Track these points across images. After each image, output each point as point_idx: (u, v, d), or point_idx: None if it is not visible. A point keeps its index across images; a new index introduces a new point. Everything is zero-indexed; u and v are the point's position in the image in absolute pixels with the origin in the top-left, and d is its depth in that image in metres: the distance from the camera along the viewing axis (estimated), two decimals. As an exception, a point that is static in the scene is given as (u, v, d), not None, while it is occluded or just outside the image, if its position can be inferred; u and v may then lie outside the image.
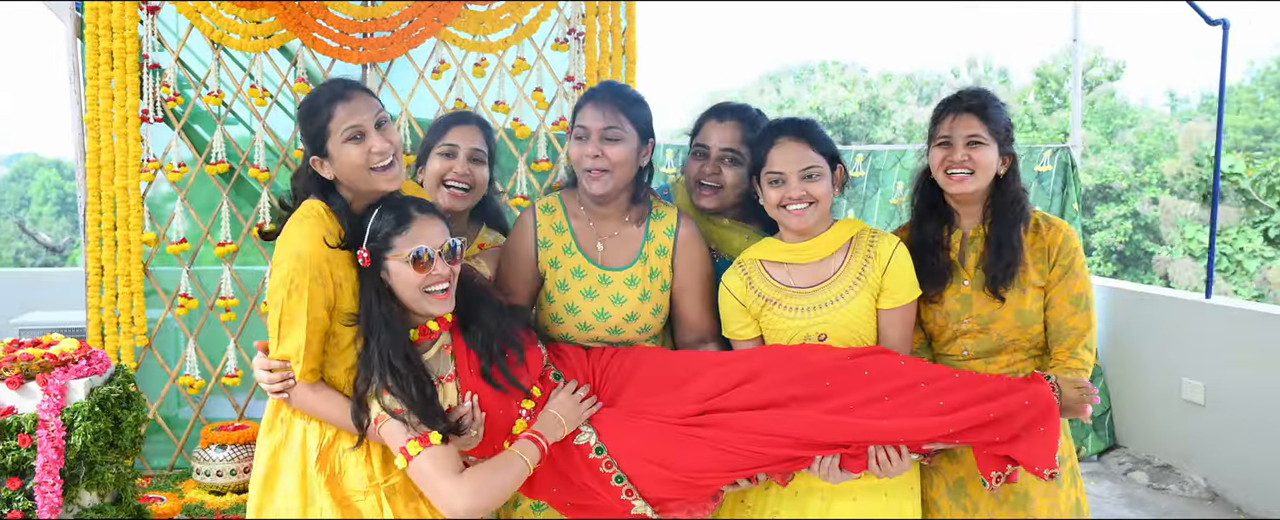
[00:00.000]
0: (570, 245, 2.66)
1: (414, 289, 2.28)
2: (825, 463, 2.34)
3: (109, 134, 4.28)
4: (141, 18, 4.29)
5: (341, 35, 4.40)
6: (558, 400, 2.42)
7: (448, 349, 2.38)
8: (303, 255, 2.24)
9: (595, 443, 2.39)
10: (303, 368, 2.29)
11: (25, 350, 2.87)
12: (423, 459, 2.19)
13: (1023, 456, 2.28)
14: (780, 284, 2.54)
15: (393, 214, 2.31)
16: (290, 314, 2.26)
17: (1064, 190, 5.80)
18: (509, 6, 4.54)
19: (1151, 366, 5.46)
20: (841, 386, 2.36)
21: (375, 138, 2.32)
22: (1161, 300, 5.60)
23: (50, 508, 2.72)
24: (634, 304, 2.63)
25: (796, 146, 2.48)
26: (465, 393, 2.33)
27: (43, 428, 2.74)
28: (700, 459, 2.35)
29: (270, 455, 2.38)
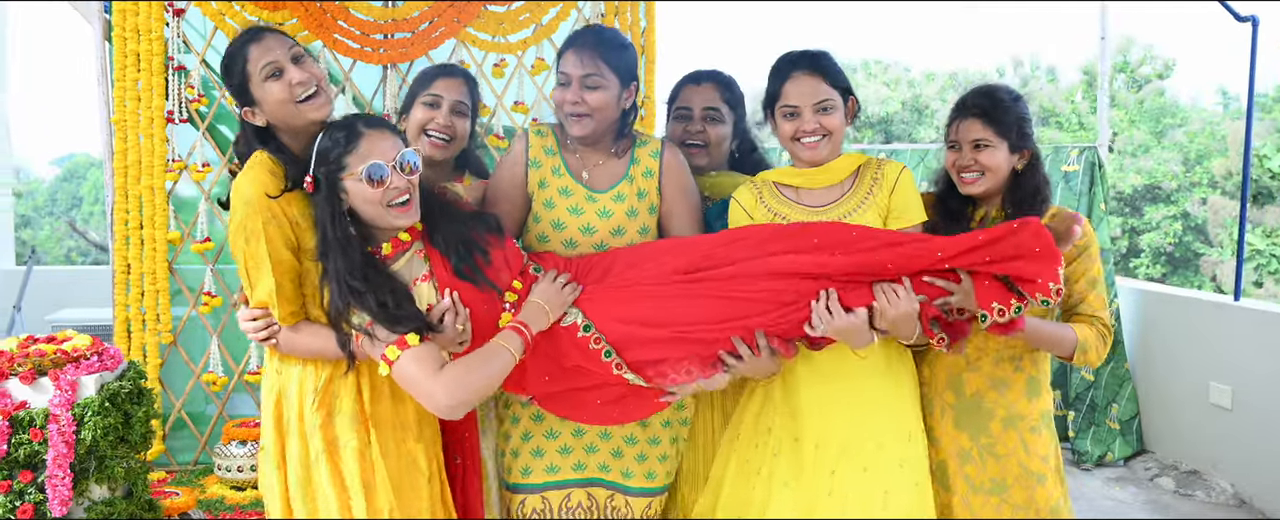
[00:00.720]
0: (559, 167, 2.72)
1: (375, 205, 2.29)
2: (825, 299, 2.32)
3: (135, 135, 4.36)
4: (168, 20, 4.37)
5: (362, 36, 4.44)
6: (540, 289, 2.42)
7: (421, 253, 2.39)
8: (250, 200, 2.28)
9: (582, 321, 2.40)
10: (280, 311, 2.32)
11: (38, 346, 2.92)
12: (404, 360, 2.20)
13: (1021, 272, 2.25)
14: (790, 200, 2.59)
15: (341, 132, 2.32)
16: (254, 260, 2.30)
17: (1091, 190, 5.71)
18: (528, 7, 4.56)
19: (1179, 370, 5.36)
20: (829, 243, 2.37)
21: (293, 70, 2.36)
22: (1189, 302, 5.51)
23: (61, 501, 2.77)
24: (620, 218, 2.69)
25: (810, 79, 2.51)
26: (444, 289, 2.34)
27: (54, 422, 2.79)
28: (687, 311, 2.36)
29: (274, 405, 2.43)
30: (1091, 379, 5.65)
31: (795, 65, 2.54)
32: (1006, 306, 2.29)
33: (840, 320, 2.31)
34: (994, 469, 2.60)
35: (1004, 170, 2.59)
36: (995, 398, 2.61)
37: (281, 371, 2.44)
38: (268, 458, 2.44)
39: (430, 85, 2.94)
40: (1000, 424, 2.60)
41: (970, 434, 2.61)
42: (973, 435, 2.61)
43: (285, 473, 2.41)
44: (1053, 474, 2.62)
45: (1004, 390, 2.61)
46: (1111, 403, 5.60)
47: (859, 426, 2.50)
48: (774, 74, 2.59)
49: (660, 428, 2.72)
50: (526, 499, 2.72)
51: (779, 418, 2.57)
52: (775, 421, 2.57)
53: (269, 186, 2.30)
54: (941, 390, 2.65)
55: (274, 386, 2.45)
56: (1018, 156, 2.61)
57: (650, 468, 2.72)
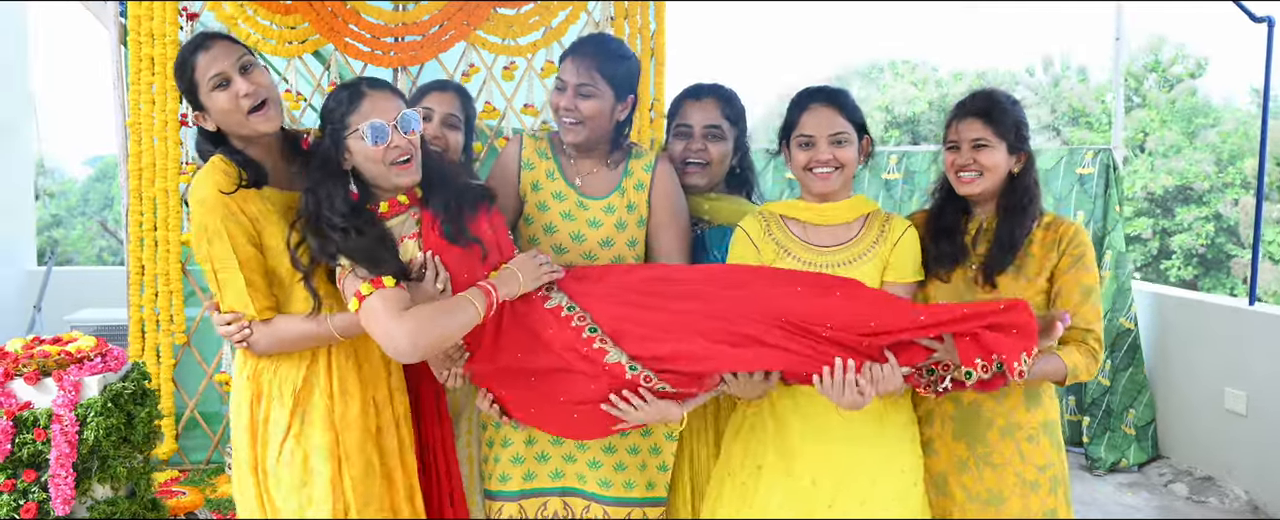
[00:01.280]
0: (553, 171, 2.74)
1: (376, 163, 2.32)
2: (844, 369, 2.32)
3: (150, 137, 4.42)
4: (181, 24, 4.42)
5: (373, 40, 4.48)
6: (518, 259, 2.43)
7: (414, 215, 2.42)
8: (206, 200, 2.29)
9: (567, 303, 2.41)
10: (255, 305, 2.34)
11: (43, 347, 2.97)
12: (373, 298, 2.23)
13: (996, 345, 2.26)
14: (797, 237, 2.60)
15: (345, 92, 2.36)
16: (220, 260, 2.32)
17: (1106, 193, 5.65)
18: (538, 9, 4.58)
19: (1195, 375, 5.30)
20: (817, 293, 2.39)
21: (240, 81, 2.35)
22: (1204, 307, 5.43)
23: (63, 500, 2.82)
24: (609, 230, 2.71)
25: (828, 112, 2.53)
26: (427, 250, 2.37)
27: (57, 422, 2.83)
28: (676, 321, 2.36)
29: (248, 414, 2.44)
30: (1107, 384, 5.60)
31: (814, 97, 2.58)
32: (989, 363, 2.30)
33: (849, 390, 2.33)
34: (991, 479, 2.58)
35: (1002, 171, 2.60)
36: (993, 407, 2.59)
37: (253, 378, 2.44)
38: (241, 463, 2.45)
39: (423, 99, 2.98)
40: (997, 433, 2.58)
41: (967, 443, 2.59)
42: (970, 445, 2.59)
43: (258, 477, 2.43)
44: (1048, 483, 2.60)
45: (1002, 399, 2.59)
46: (1128, 408, 5.54)
47: (852, 461, 2.49)
48: (793, 105, 2.62)
49: (640, 437, 2.72)
50: (504, 506, 2.73)
51: (770, 455, 2.55)
52: (767, 459, 2.55)
53: (222, 184, 2.31)
54: (941, 401, 2.64)
55: (246, 391, 2.45)
56: (1015, 159, 2.62)
57: (629, 477, 2.71)
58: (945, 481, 2.62)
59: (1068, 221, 2.63)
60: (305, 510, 2.37)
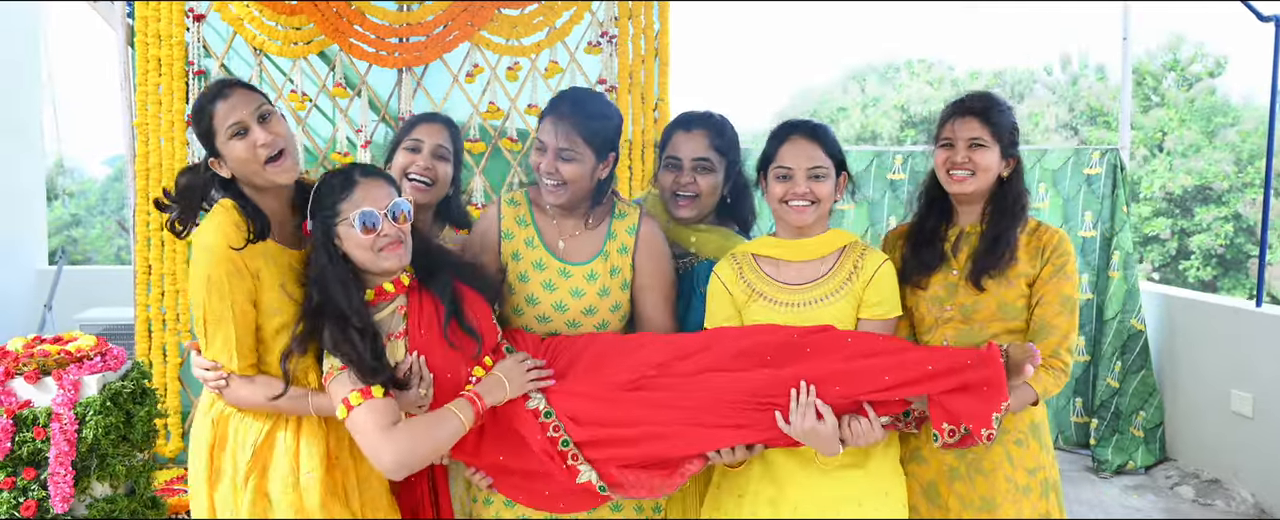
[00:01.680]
0: (533, 239, 2.71)
1: (365, 250, 2.34)
2: (808, 393, 2.33)
3: (156, 138, 4.44)
4: (188, 25, 4.45)
5: (378, 40, 4.50)
6: (504, 364, 2.44)
7: (402, 310, 2.43)
8: (215, 251, 2.29)
9: (544, 407, 2.42)
10: (239, 362, 2.35)
11: (43, 346, 3.00)
12: (361, 410, 2.24)
13: (961, 411, 2.27)
14: (769, 277, 2.58)
15: (338, 179, 2.38)
16: (215, 312, 2.32)
17: (1114, 193, 5.62)
18: (542, 10, 4.59)
19: (1202, 377, 5.27)
20: (785, 360, 2.39)
21: (258, 131, 2.35)
22: (1211, 308, 5.41)
23: (62, 498, 2.85)
24: (592, 298, 2.67)
25: (807, 145, 2.53)
26: (412, 351, 2.38)
27: (56, 421, 2.86)
28: (648, 416, 2.37)
29: (208, 457, 2.44)
30: (1117, 386, 5.56)
31: (794, 130, 2.56)
32: (955, 429, 2.31)
33: (812, 423, 2.32)
34: (982, 486, 2.57)
35: (994, 172, 2.60)
36: None
37: (218, 422, 2.45)
38: (197, 503, 2.46)
39: (411, 131, 2.96)
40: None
41: (956, 451, 2.58)
42: (959, 452, 2.58)
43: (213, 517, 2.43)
44: (1040, 486, 2.59)
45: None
46: (1138, 410, 5.51)
47: (836, 488, 2.48)
48: (772, 137, 2.60)
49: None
50: None
51: (753, 483, 2.54)
52: (748, 487, 2.54)
53: (232, 238, 2.31)
54: None
55: (207, 433, 2.45)
56: (1005, 163, 2.62)
57: (625, 515, 2.69)
58: (937, 490, 2.62)
59: (1051, 229, 2.64)
60: None
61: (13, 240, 6.58)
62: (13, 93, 6.65)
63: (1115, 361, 5.56)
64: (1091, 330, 5.72)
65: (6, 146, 6.59)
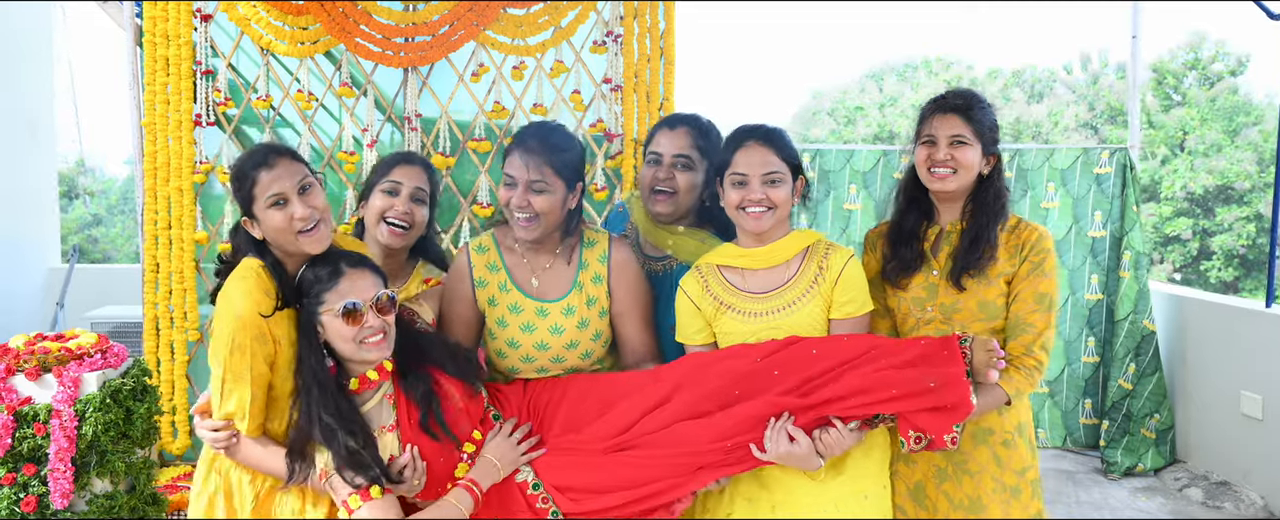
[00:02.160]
0: (505, 283, 2.72)
1: (347, 341, 2.35)
2: (783, 421, 2.37)
3: (165, 137, 4.48)
4: (196, 25, 4.48)
5: (383, 40, 4.51)
6: (494, 444, 2.47)
7: (390, 398, 2.44)
8: (242, 315, 2.32)
9: (532, 479, 2.46)
10: (249, 423, 2.38)
11: (44, 343, 3.02)
12: (362, 513, 2.28)
13: (924, 425, 2.30)
14: (736, 288, 2.57)
15: (324, 269, 2.39)
16: (235, 372, 2.34)
17: (1123, 193, 5.57)
18: (547, 9, 4.59)
19: (1211, 379, 5.22)
20: (752, 391, 2.41)
21: (297, 204, 2.38)
22: (1220, 309, 5.35)
23: (62, 494, 2.87)
24: (573, 332, 2.69)
25: (762, 150, 2.52)
26: (406, 445, 2.39)
27: (56, 417, 2.89)
28: (631, 477, 2.41)
29: (207, 505, 2.49)
30: (1129, 388, 5.52)
31: (750, 135, 2.56)
32: (921, 435, 2.32)
33: (787, 447, 2.34)
34: (969, 486, 2.56)
35: (975, 170, 2.58)
36: None
37: (222, 473, 2.49)
38: None
39: (389, 172, 2.93)
40: (970, 439, 2.56)
41: (943, 452, 2.57)
42: (945, 453, 2.57)
43: None
44: (1029, 487, 2.58)
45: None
46: (1152, 413, 5.46)
47: (816, 491, 2.47)
48: (728, 143, 2.60)
49: None
50: None
51: (734, 479, 2.53)
52: (729, 482, 2.54)
53: (262, 304, 2.34)
54: None
55: (207, 483, 2.50)
56: (985, 161, 2.60)
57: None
58: (925, 490, 2.62)
59: (1032, 226, 2.62)
60: None
61: (26, 239, 6.64)
62: (25, 92, 6.71)
63: (1128, 363, 5.51)
64: (1102, 331, 5.67)
65: (19, 146, 6.65)
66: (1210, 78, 21.42)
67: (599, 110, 4.64)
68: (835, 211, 5.90)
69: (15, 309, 6.23)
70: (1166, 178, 19.77)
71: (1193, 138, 20.45)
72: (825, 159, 5.87)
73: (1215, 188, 19.29)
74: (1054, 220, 5.70)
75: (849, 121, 24.87)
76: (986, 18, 53.93)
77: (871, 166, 5.82)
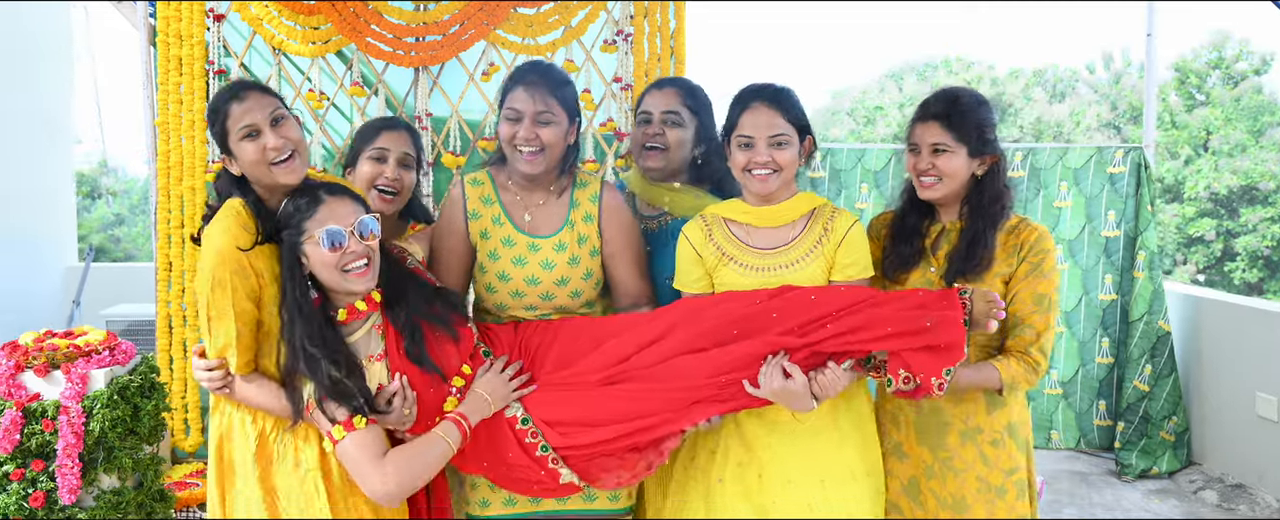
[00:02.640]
0: (499, 216, 2.74)
1: (331, 269, 2.35)
2: (779, 359, 2.38)
3: (177, 137, 4.51)
4: (208, 25, 4.51)
5: (394, 40, 4.53)
6: (484, 379, 2.47)
7: (378, 329, 2.45)
8: (221, 250, 2.33)
9: (521, 414, 2.45)
10: (237, 360, 2.39)
11: (53, 340, 3.05)
12: (347, 443, 2.28)
13: (916, 365, 2.31)
14: (740, 241, 2.59)
15: (303, 198, 2.40)
16: (217, 309, 2.36)
17: (1138, 192, 5.52)
18: (557, 9, 4.59)
19: (1226, 380, 5.17)
20: (750, 331, 2.41)
21: (270, 134, 2.40)
22: (1236, 309, 5.30)
23: (69, 489, 2.89)
24: (563, 268, 2.70)
25: (768, 112, 2.52)
26: (395, 373, 2.39)
27: (64, 414, 2.91)
28: (623, 410, 2.41)
29: (217, 445, 2.51)
30: (1146, 390, 5.47)
31: (755, 96, 2.55)
32: (910, 375, 2.33)
33: (781, 382, 2.35)
34: (953, 484, 2.55)
35: (962, 176, 2.56)
36: (952, 410, 2.56)
37: (227, 414, 2.51)
38: (211, 498, 2.51)
39: (375, 139, 2.95)
40: (957, 437, 2.55)
41: (930, 449, 2.57)
42: (933, 450, 2.57)
43: (225, 515, 2.49)
44: (1016, 488, 2.56)
45: (961, 402, 2.55)
46: (1170, 416, 5.41)
47: (803, 461, 2.49)
48: (734, 103, 2.59)
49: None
50: None
51: (725, 439, 2.56)
52: (720, 444, 2.56)
53: (240, 238, 2.35)
54: (902, 404, 2.62)
55: (219, 428, 2.52)
56: (978, 162, 2.57)
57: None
58: (917, 486, 2.62)
59: (1032, 226, 2.59)
60: None
61: (43, 238, 6.70)
62: (42, 92, 6.77)
63: (1144, 364, 5.47)
64: (1116, 332, 5.63)
65: (36, 145, 6.71)
66: (1234, 77, 21.20)
67: (609, 109, 4.64)
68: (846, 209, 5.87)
69: (33, 307, 6.30)
70: (1190, 178, 19.58)
71: (1217, 138, 20.26)
72: (837, 158, 5.85)
73: (1239, 188, 19.10)
74: (1067, 220, 5.66)
75: (868, 122, 24.76)
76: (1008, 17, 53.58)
77: (883, 165, 5.80)
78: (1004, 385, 2.47)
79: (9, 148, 6.51)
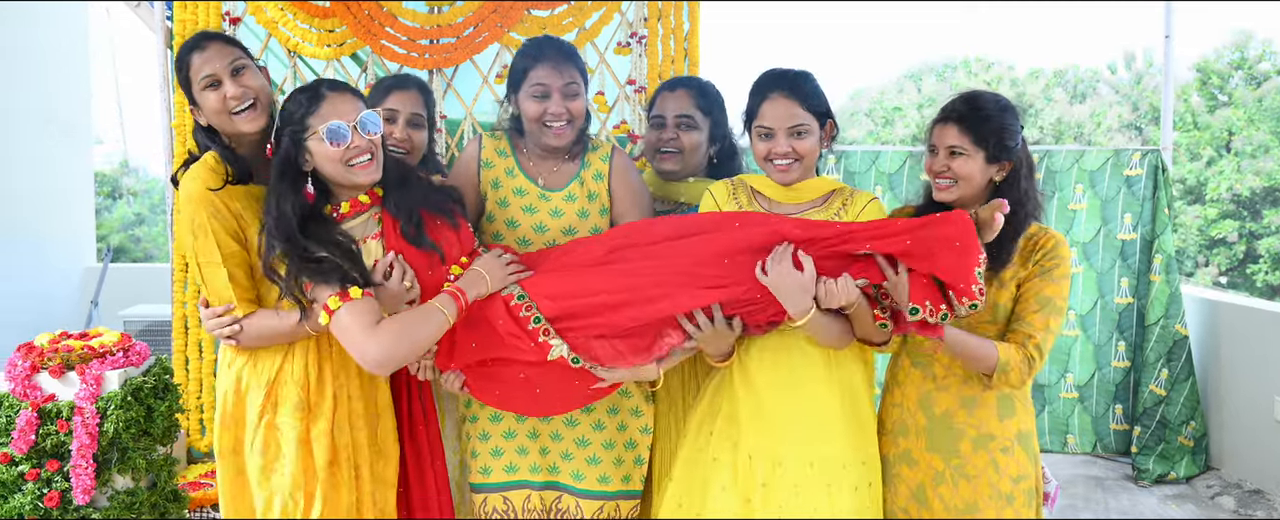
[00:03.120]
0: (512, 168, 2.79)
1: (335, 163, 2.39)
2: (786, 248, 2.37)
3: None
4: (225, 28, 4.53)
5: (409, 42, 4.55)
6: (483, 260, 2.51)
7: (376, 215, 2.49)
8: (193, 196, 2.39)
9: (518, 291, 2.46)
10: (238, 299, 2.42)
11: (68, 342, 3.08)
12: (342, 313, 2.29)
13: (939, 267, 2.28)
14: (761, 206, 2.60)
15: (304, 95, 2.43)
16: (205, 253, 2.41)
17: (1155, 195, 5.48)
18: (572, 10, 4.60)
19: (1244, 384, 5.12)
20: (763, 241, 2.41)
21: (230, 84, 2.46)
22: (1255, 313, 5.24)
23: (83, 489, 2.92)
24: (571, 218, 2.76)
25: (786, 102, 2.51)
26: (390, 250, 2.44)
27: (78, 414, 2.94)
28: (621, 283, 2.41)
29: (224, 402, 2.55)
30: (1163, 394, 5.42)
31: (774, 85, 2.54)
32: (937, 308, 2.30)
33: (789, 269, 2.35)
34: (966, 491, 2.53)
35: (978, 180, 2.52)
36: (965, 417, 2.54)
37: (232, 365, 2.54)
38: (221, 451, 2.54)
39: (385, 99, 2.97)
40: (970, 444, 2.53)
41: (942, 456, 2.55)
42: (944, 457, 2.55)
43: (232, 459, 2.52)
44: (1024, 495, 2.55)
45: (974, 409, 2.53)
46: (1188, 421, 5.36)
47: (795, 446, 2.48)
48: (753, 92, 2.59)
49: (616, 431, 2.74)
50: (488, 498, 2.78)
51: (720, 422, 2.57)
52: (717, 426, 2.57)
53: (210, 180, 2.41)
54: (913, 411, 2.61)
55: (226, 382, 2.55)
56: (997, 168, 2.53)
57: (603, 471, 2.73)
58: (924, 493, 2.59)
59: (1050, 234, 2.56)
60: (272, 494, 2.45)
61: (61, 238, 6.76)
62: (60, 93, 6.83)
63: (1161, 369, 5.42)
64: (1132, 335, 5.59)
65: (55, 147, 6.77)
66: (1257, 77, 20.99)
67: (623, 112, 4.64)
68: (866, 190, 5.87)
69: (51, 308, 6.36)
70: (1212, 179, 19.42)
71: (1239, 139, 20.07)
72: (851, 160, 5.83)
73: (1262, 189, 18.92)
74: (1082, 222, 5.62)
75: (887, 122, 24.66)
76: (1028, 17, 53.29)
77: (898, 168, 5.77)
78: (997, 367, 2.43)
79: (27, 149, 6.57)
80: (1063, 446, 5.70)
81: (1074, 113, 23.48)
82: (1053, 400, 5.72)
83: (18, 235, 6.38)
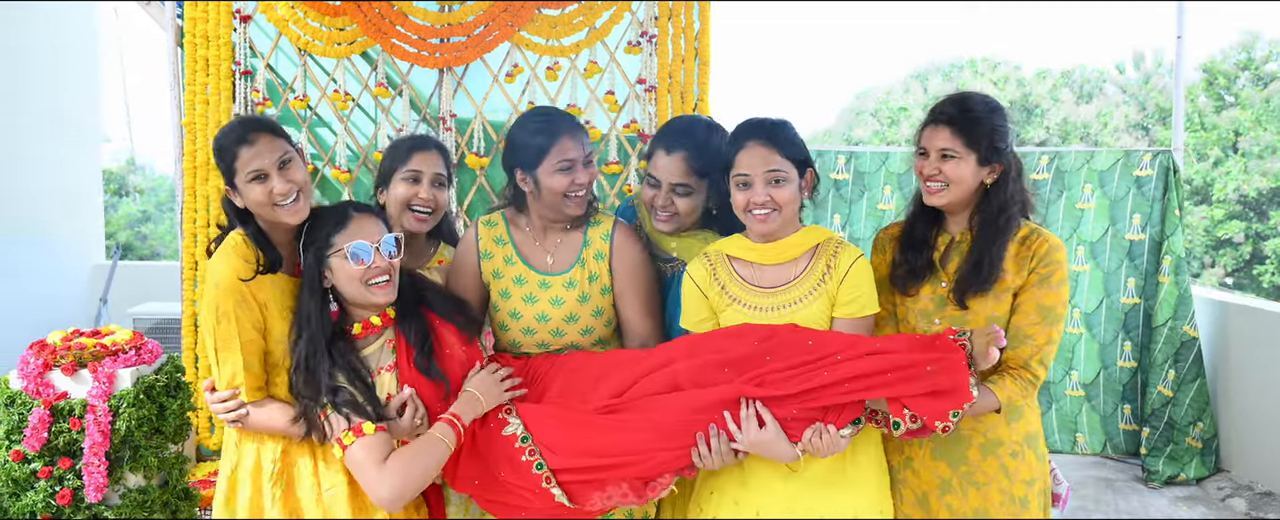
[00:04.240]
0: (511, 256, 2.80)
1: (355, 282, 2.44)
2: (751, 407, 2.36)
3: (204, 136, 4.54)
4: (235, 26, 4.54)
5: (419, 41, 4.54)
6: (476, 378, 2.53)
7: (390, 343, 2.53)
8: (221, 283, 2.42)
9: (521, 432, 2.48)
10: (247, 386, 2.46)
11: (80, 339, 3.07)
12: (355, 449, 2.35)
13: (922, 408, 2.27)
14: (743, 280, 2.55)
15: (332, 215, 2.49)
16: (224, 340, 2.44)
17: (1165, 196, 5.46)
18: (582, 10, 4.59)
19: (1255, 386, 5.10)
20: (742, 371, 2.40)
21: (277, 179, 2.46)
22: (1265, 315, 5.23)
23: (96, 487, 2.91)
24: (573, 305, 2.74)
25: (763, 150, 2.47)
26: (403, 384, 2.47)
27: (91, 412, 2.93)
28: (617, 440, 2.42)
29: (229, 476, 2.58)
30: (1170, 395, 5.41)
31: (751, 134, 2.50)
32: (917, 415, 2.29)
33: (757, 432, 2.34)
34: (976, 498, 2.50)
35: (970, 183, 2.49)
36: (971, 424, 2.50)
37: (239, 445, 2.57)
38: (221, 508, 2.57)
39: (408, 160, 2.98)
40: (978, 451, 2.50)
41: (949, 463, 2.52)
42: (952, 464, 2.52)
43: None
44: (1037, 498, 2.53)
45: (980, 416, 2.50)
46: (1195, 421, 5.35)
47: (801, 501, 2.43)
48: (730, 141, 2.55)
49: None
50: None
51: (720, 479, 2.52)
52: (717, 484, 2.53)
53: (241, 270, 2.43)
54: None
55: (230, 460, 2.59)
56: (988, 170, 2.49)
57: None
58: (928, 501, 2.56)
59: (1044, 237, 2.51)
60: None
61: (70, 236, 6.77)
62: (69, 92, 6.84)
63: (1167, 369, 5.41)
64: (1139, 336, 5.58)
65: (64, 145, 6.78)
66: (1264, 78, 20.93)
67: (633, 111, 4.63)
68: (869, 211, 5.86)
69: (60, 305, 6.37)
70: (1219, 180, 19.37)
71: (1246, 139, 20.02)
72: (861, 160, 5.83)
73: (1269, 190, 18.87)
74: (1089, 222, 5.61)
75: (893, 122, 24.61)
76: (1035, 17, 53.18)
77: (907, 169, 5.77)
78: (1003, 407, 2.43)
79: (36, 148, 6.58)
80: (1073, 446, 5.69)
81: (1080, 113, 23.42)
82: (1059, 398, 5.71)
83: (27, 233, 6.39)
